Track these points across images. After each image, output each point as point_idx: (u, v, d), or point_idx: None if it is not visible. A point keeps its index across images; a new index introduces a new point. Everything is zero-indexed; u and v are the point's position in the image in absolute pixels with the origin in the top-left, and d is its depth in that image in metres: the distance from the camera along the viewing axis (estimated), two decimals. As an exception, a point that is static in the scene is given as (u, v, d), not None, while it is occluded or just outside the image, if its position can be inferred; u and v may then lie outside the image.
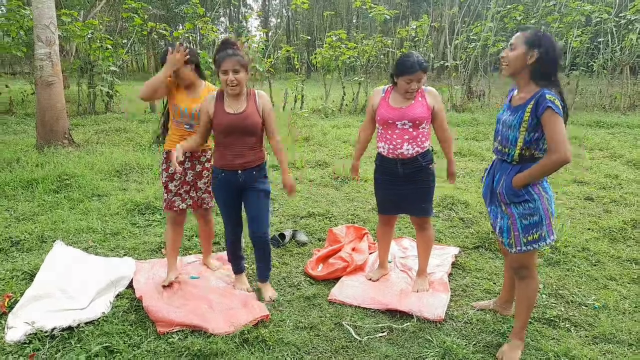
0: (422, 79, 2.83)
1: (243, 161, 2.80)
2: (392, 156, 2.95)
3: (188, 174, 3.07)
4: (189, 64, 2.92)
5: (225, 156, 2.80)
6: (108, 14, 17.67)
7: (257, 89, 2.93)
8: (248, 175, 2.84)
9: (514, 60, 2.28)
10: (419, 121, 2.88)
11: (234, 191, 2.89)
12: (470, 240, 3.98)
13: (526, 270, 2.42)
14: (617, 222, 4.28)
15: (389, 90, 3.01)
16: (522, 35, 2.28)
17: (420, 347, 2.54)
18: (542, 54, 2.21)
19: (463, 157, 7.18)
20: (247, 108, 2.78)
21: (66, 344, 2.48)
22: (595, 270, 3.43)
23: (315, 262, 3.47)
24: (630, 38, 11.43)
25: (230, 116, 2.75)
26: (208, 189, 3.11)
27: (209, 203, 3.17)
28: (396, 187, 3.03)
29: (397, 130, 2.91)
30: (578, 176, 5.91)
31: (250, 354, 2.45)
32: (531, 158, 2.28)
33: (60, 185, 5.11)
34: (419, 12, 26.77)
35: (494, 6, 12.67)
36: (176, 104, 2.97)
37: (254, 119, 2.78)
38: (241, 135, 2.77)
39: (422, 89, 2.95)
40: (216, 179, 2.89)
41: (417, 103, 2.90)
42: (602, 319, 2.79)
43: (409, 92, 2.86)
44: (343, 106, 12.65)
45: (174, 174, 3.03)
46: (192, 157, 3.03)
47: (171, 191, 3.07)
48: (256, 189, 2.89)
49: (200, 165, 3.08)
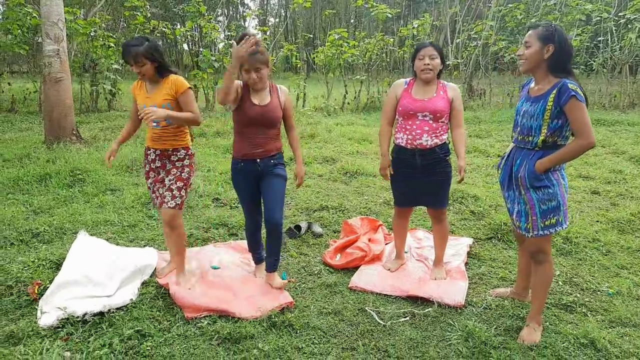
0: (433, 55, 2.94)
1: (262, 150, 2.86)
2: (411, 147, 3.02)
3: (160, 172, 2.99)
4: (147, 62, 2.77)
5: (245, 146, 2.86)
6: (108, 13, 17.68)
7: (278, 85, 2.98)
8: (266, 163, 2.90)
9: (531, 57, 2.38)
10: (440, 114, 2.95)
11: (253, 180, 2.93)
12: (482, 231, 4.05)
13: (543, 255, 2.51)
14: (625, 214, 4.37)
15: (411, 82, 3.08)
16: (535, 32, 2.38)
17: (442, 330, 2.61)
18: (557, 48, 2.32)
19: (468, 154, 7.25)
20: (271, 101, 2.86)
21: (98, 328, 2.54)
22: (606, 260, 3.51)
23: (334, 252, 3.53)
24: (629, 37, 11.55)
25: (256, 107, 2.80)
26: (172, 186, 2.91)
27: (168, 202, 2.90)
28: (414, 179, 3.09)
29: (418, 121, 2.98)
30: (583, 171, 6.01)
31: (278, 337, 2.51)
32: (554, 145, 2.38)
33: (74, 180, 5.15)
34: (418, 11, 26.89)
35: (495, 5, 12.78)
36: (137, 101, 2.95)
37: (277, 112, 2.88)
38: (263, 127, 2.84)
39: (444, 84, 3.03)
40: (235, 169, 2.94)
41: (438, 96, 2.98)
42: (617, 305, 2.87)
43: (424, 70, 2.94)
44: (345, 104, 12.72)
45: (149, 172, 3.03)
46: (162, 155, 2.95)
47: (149, 188, 3.08)
48: (274, 174, 2.93)
49: (171, 165, 2.96)
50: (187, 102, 2.88)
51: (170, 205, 2.90)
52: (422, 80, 3.00)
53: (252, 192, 2.99)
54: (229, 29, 17.36)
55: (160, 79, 2.88)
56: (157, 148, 2.95)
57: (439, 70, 3.00)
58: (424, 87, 3.02)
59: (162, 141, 2.93)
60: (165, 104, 2.83)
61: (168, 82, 2.86)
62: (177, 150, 2.96)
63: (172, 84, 2.85)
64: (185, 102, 2.87)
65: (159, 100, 2.83)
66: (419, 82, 3.04)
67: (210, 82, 11.41)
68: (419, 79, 3.03)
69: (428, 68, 2.94)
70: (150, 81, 2.90)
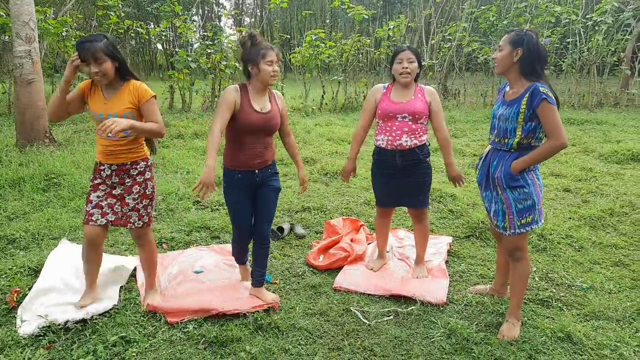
0: (411, 59, 3.01)
1: (261, 160, 2.73)
2: (391, 147, 3.07)
3: (116, 187, 2.68)
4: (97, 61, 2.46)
5: (243, 156, 2.68)
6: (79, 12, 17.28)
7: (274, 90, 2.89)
8: (264, 174, 2.78)
9: (502, 60, 2.50)
10: (418, 115, 3.02)
11: (249, 192, 2.78)
12: (461, 230, 4.15)
13: (520, 252, 2.60)
14: (596, 211, 4.53)
15: (390, 87, 3.14)
16: (507, 37, 2.51)
17: (426, 328, 2.67)
18: (526, 51, 2.43)
19: (445, 153, 7.38)
20: (272, 107, 2.74)
21: (81, 335, 2.50)
22: (579, 255, 3.64)
23: (317, 252, 3.56)
24: (596, 39, 11.96)
25: (259, 114, 2.65)
26: (137, 206, 2.68)
27: (134, 222, 2.70)
28: (394, 179, 3.15)
29: (397, 122, 3.04)
30: (555, 169, 6.20)
31: (265, 339, 2.52)
32: (528, 146, 2.48)
33: (49, 184, 5.03)
34: (393, 12, 27.17)
35: (468, 7, 13.03)
36: (95, 111, 2.55)
37: (278, 119, 2.78)
38: (264, 134, 2.71)
39: (421, 87, 3.11)
40: (230, 181, 2.74)
41: (416, 99, 3.05)
42: (591, 299, 2.99)
43: (402, 74, 3.02)
44: (323, 105, 12.77)
45: (99, 185, 2.66)
46: (119, 170, 2.65)
47: (92, 202, 2.64)
48: (272, 187, 2.84)
49: (131, 180, 2.67)
50: (151, 112, 2.58)
51: (138, 225, 2.72)
52: (401, 83, 3.07)
53: (247, 205, 2.80)
54: (204, 29, 17.19)
55: (120, 84, 2.58)
56: (113, 163, 2.63)
57: (416, 73, 3.08)
58: (402, 91, 3.09)
59: (115, 155, 2.61)
60: (126, 113, 2.53)
61: (129, 88, 2.57)
62: (137, 163, 2.67)
63: (134, 90, 2.57)
64: (149, 111, 2.58)
65: (120, 109, 2.53)
66: (398, 85, 3.11)
67: (187, 83, 11.30)
68: (397, 82, 3.10)
69: (406, 72, 3.01)
70: (108, 85, 2.57)
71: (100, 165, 2.67)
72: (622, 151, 6.86)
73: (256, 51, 2.60)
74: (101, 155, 2.64)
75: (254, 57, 2.61)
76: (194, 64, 10.94)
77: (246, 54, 2.64)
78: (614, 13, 12.18)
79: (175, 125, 9.20)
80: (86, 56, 2.43)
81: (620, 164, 6.53)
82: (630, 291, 3.09)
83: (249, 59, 2.63)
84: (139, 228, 2.73)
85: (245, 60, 2.66)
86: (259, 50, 2.60)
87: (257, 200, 2.83)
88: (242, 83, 2.72)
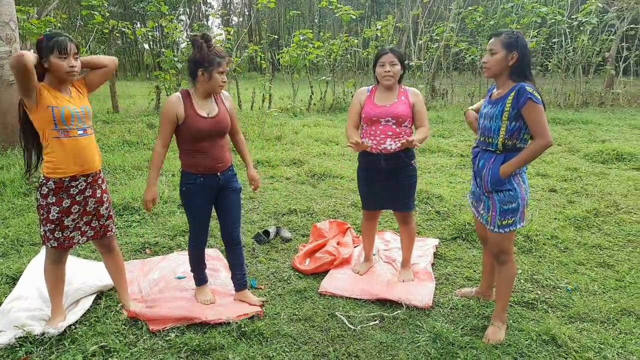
0: (394, 62, 2.99)
1: (223, 163, 2.71)
2: (376, 151, 3.06)
3: (89, 203, 2.53)
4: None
5: (204, 161, 2.65)
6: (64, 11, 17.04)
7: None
8: (225, 176, 2.75)
9: (495, 64, 2.47)
10: (402, 118, 3.01)
11: (211, 195, 2.75)
12: (447, 231, 4.14)
13: (505, 255, 2.59)
14: (581, 211, 4.56)
15: (374, 89, 3.12)
16: (499, 40, 2.45)
17: (412, 332, 2.65)
18: (520, 55, 2.43)
19: (433, 154, 7.41)
20: (219, 110, 2.69)
21: (59, 345, 2.44)
22: (564, 256, 3.65)
23: (303, 256, 3.53)
24: (581, 39, 12.08)
25: (206, 120, 2.61)
26: (111, 214, 2.67)
27: (112, 229, 2.69)
28: (379, 182, 3.13)
29: (381, 126, 3.02)
30: (541, 169, 6.24)
31: (248, 347, 2.48)
32: (514, 148, 2.46)
33: (30, 188, 4.93)
34: (381, 12, 27.21)
35: (456, 7, 13.08)
36: (58, 106, 2.35)
37: (227, 121, 2.72)
38: (216, 138, 2.66)
39: (405, 89, 3.09)
40: (192, 185, 2.68)
41: (400, 101, 3.03)
42: (575, 300, 2.99)
43: (385, 77, 3.00)
44: (311, 105, 12.73)
45: (70, 208, 2.45)
46: (93, 181, 2.53)
47: (68, 227, 2.48)
48: (234, 189, 2.82)
49: (100, 190, 2.59)
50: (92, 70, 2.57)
51: (114, 231, 2.71)
52: (384, 86, 3.05)
53: (207, 208, 2.79)
54: (191, 28, 17.04)
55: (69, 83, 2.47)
56: (89, 173, 2.49)
57: (399, 75, 3.05)
58: (385, 93, 3.07)
59: (92, 163, 2.48)
60: (91, 108, 2.52)
61: (74, 87, 2.49)
62: (100, 170, 2.61)
63: (79, 86, 2.51)
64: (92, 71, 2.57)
65: (87, 103, 2.50)
66: (381, 88, 3.09)
67: (173, 84, 11.19)
68: (380, 85, 3.08)
69: (389, 75, 3.00)
70: (60, 84, 2.40)
71: (74, 181, 2.44)
72: (607, 151, 6.92)
73: (211, 57, 2.53)
74: (74, 166, 2.41)
75: (207, 63, 2.53)
76: (181, 64, 10.84)
77: (199, 57, 2.54)
78: (599, 14, 12.31)
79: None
80: (67, 46, 2.31)
81: (605, 164, 6.59)
82: (614, 292, 3.10)
83: (201, 63, 2.54)
84: (113, 236, 2.70)
85: (196, 63, 2.56)
86: (214, 57, 2.53)
87: (221, 204, 2.81)
88: (185, 90, 2.65)
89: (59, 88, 2.40)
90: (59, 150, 2.36)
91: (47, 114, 2.31)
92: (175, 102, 2.56)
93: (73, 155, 2.39)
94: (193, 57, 2.57)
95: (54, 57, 2.30)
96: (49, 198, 2.42)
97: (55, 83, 2.39)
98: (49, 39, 2.31)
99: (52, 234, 2.46)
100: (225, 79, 2.61)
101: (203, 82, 2.58)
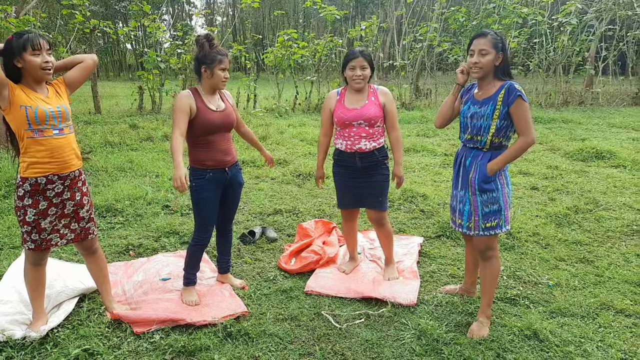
0: (364, 66, 3.01)
1: (230, 157, 2.86)
2: (351, 151, 3.09)
3: (67, 206, 2.49)
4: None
5: (213, 155, 2.77)
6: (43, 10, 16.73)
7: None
8: (232, 171, 2.90)
9: (487, 65, 2.49)
10: (374, 120, 3.04)
11: (219, 189, 2.86)
12: (432, 230, 4.19)
13: (491, 251, 2.64)
14: (562, 208, 4.65)
15: (343, 92, 3.14)
16: (488, 40, 2.47)
17: (397, 330, 2.67)
18: (504, 54, 2.49)
19: (417, 153, 7.47)
20: (226, 105, 2.87)
21: (41, 349, 2.40)
22: (546, 253, 3.72)
23: (288, 256, 3.53)
24: (562, 39, 12.30)
25: (216, 113, 2.76)
26: (92, 216, 2.62)
27: (94, 232, 2.65)
28: (354, 180, 3.16)
29: (355, 129, 3.06)
30: (523, 167, 6.34)
31: (234, 347, 2.48)
32: (500, 145, 2.52)
33: (9, 191, 4.84)
34: (366, 12, 27.32)
35: (439, 8, 13.20)
36: (32, 105, 2.29)
37: (234, 115, 2.90)
38: (225, 131, 2.83)
39: (374, 89, 3.12)
40: (202, 180, 2.76)
41: (370, 103, 3.06)
42: (557, 296, 3.05)
43: (355, 80, 3.02)
44: (296, 105, 12.73)
45: (46, 210, 2.41)
46: (71, 184, 2.48)
47: (45, 229, 2.43)
48: (238, 182, 2.98)
49: (80, 192, 2.54)
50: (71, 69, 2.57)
51: (96, 233, 2.67)
52: (354, 89, 3.08)
53: (216, 203, 2.87)
54: (175, 28, 16.90)
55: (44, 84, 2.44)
56: (66, 173, 2.43)
57: (369, 77, 3.08)
58: (355, 96, 3.09)
59: (68, 163, 2.42)
60: (69, 107, 2.47)
61: (53, 87, 2.47)
62: (81, 172, 2.55)
63: (58, 85, 2.49)
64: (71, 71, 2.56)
65: (65, 101, 2.46)
66: (351, 90, 3.11)
67: (156, 84, 11.09)
68: (350, 87, 3.10)
69: (360, 78, 3.02)
70: (36, 83, 2.36)
71: (49, 184, 2.38)
72: (586, 149, 7.06)
73: (212, 55, 2.69)
74: (47, 165, 2.35)
75: (209, 60, 2.69)
76: (164, 64, 10.75)
77: (202, 55, 2.71)
78: (578, 14, 12.56)
79: (144, 127, 9.02)
80: (40, 42, 2.28)
81: (585, 162, 6.72)
82: (594, 287, 3.17)
83: (204, 61, 2.70)
84: (95, 238, 2.68)
85: (199, 61, 2.72)
86: (215, 55, 2.69)
87: (226, 198, 2.94)
88: (193, 87, 2.81)
89: (35, 87, 2.36)
90: (34, 149, 2.32)
91: (21, 113, 2.27)
92: (188, 96, 2.70)
93: (47, 155, 2.35)
94: (196, 56, 2.74)
95: (28, 54, 2.27)
96: (25, 200, 2.38)
97: (31, 82, 2.35)
98: (19, 37, 2.28)
99: (29, 236, 2.43)
100: (227, 75, 2.76)
101: (206, 78, 2.73)
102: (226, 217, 3.03)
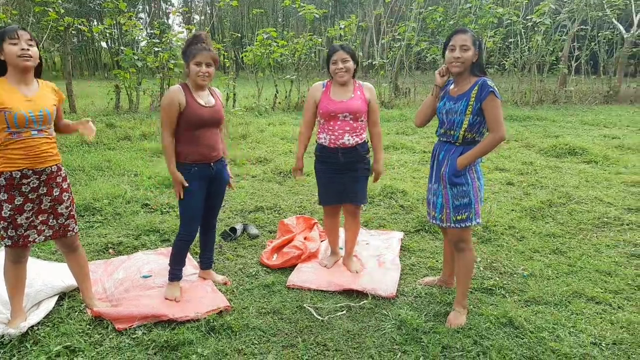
0: (346, 59, 3.05)
1: (216, 153, 2.89)
2: (334, 146, 3.12)
3: (44, 201, 2.47)
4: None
5: (199, 150, 2.80)
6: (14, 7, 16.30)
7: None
8: (217, 166, 2.93)
9: (468, 60, 2.55)
10: (359, 114, 3.09)
11: (204, 184, 2.89)
12: (411, 224, 4.26)
13: (464, 244, 2.72)
14: (536, 202, 4.79)
15: (329, 85, 3.18)
16: (468, 36, 2.54)
17: (377, 320, 2.73)
18: (480, 51, 2.58)
19: (396, 150, 7.57)
20: (216, 101, 2.91)
21: (21, 347, 2.38)
22: (521, 245, 3.83)
23: (270, 252, 3.56)
24: (536, 39, 12.61)
25: (205, 108, 2.79)
26: (71, 213, 2.60)
27: (74, 229, 2.63)
28: (337, 175, 3.20)
29: (339, 122, 3.09)
30: (499, 164, 6.49)
31: (217, 341, 2.50)
32: (472, 141, 2.59)
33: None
34: (345, 11, 27.44)
35: (417, 7, 13.37)
36: (10, 108, 2.27)
37: (222, 112, 2.95)
38: (213, 127, 2.87)
39: (360, 84, 3.17)
40: (187, 174, 2.79)
41: (356, 97, 3.11)
42: (531, 285, 3.16)
43: (338, 74, 3.07)
44: (276, 104, 12.73)
45: (22, 205, 2.40)
46: (48, 179, 2.46)
47: (22, 225, 2.41)
48: (223, 179, 3.02)
49: (59, 188, 2.52)
50: (61, 112, 2.63)
51: (76, 230, 2.66)
52: (339, 82, 3.12)
53: (201, 198, 2.90)
54: (151, 26, 16.69)
55: (35, 82, 2.45)
56: (42, 168, 2.41)
57: (353, 70, 3.12)
58: (341, 89, 3.13)
59: (43, 158, 2.41)
60: (53, 111, 2.45)
61: (48, 87, 2.51)
62: (60, 168, 2.53)
63: (52, 89, 2.54)
64: (60, 112, 2.62)
65: (49, 104, 2.43)
66: (336, 84, 3.15)
67: (133, 82, 10.95)
68: (335, 81, 3.15)
69: (342, 71, 3.06)
70: (21, 81, 2.36)
71: (25, 178, 2.36)
72: (560, 145, 7.27)
73: (189, 51, 2.75)
74: (23, 160, 2.33)
75: (186, 56, 2.75)
76: (141, 63, 10.62)
77: (183, 52, 2.80)
78: (552, 15, 12.88)
79: (121, 126, 8.90)
80: (19, 34, 2.28)
81: (558, 158, 6.93)
82: (566, 276, 3.28)
83: (184, 57, 2.78)
84: (76, 233, 2.66)
85: (183, 58, 2.81)
86: (191, 50, 2.74)
87: (211, 191, 2.97)
88: (184, 82, 2.86)
89: (20, 82, 2.36)
90: (11, 147, 2.32)
91: (7, 116, 2.27)
92: (178, 91, 2.74)
93: (23, 151, 2.34)
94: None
95: (6, 43, 2.29)
96: (0, 195, 2.36)
97: (17, 75, 2.35)
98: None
99: (5, 232, 2.41)
100: (203, 70, 2.74)
101: (187, 75, 2.80)
102: (211, 211, 3.06)
